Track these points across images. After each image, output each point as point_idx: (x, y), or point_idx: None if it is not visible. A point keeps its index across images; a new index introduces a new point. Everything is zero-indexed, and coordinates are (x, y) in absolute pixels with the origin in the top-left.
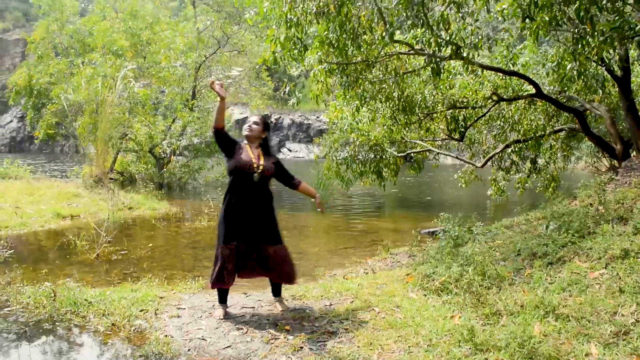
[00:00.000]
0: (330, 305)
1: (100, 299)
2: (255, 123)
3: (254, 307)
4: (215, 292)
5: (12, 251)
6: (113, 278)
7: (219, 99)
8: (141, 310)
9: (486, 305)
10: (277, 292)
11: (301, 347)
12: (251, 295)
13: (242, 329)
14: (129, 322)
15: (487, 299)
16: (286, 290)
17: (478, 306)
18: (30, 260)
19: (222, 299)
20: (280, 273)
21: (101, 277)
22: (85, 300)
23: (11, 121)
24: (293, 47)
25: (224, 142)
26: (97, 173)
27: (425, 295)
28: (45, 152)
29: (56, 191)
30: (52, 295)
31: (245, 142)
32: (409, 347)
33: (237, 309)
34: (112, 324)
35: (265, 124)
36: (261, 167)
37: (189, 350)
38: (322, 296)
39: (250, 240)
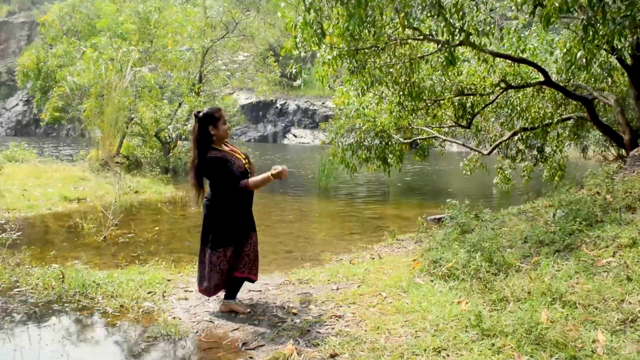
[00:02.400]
0: (337, 289)
1: (108, 281)
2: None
3: (261, 291)
4: None
5: (20, 233)
6: (120, 260)
7: (271, 176)
8: (149, 293)
9: (493, 292)
10: (234, 294)
11: (308, 330)
12: (258, 278)
13: (249, 312)
14: (137, 304)
15: (494, 285)
16: (293, 273)
17: (485, 292)
18: (38, 242)
19: (230, 295)
20: (252, 263)
21: (108, 260)
22: (93, 282)
23: (17, 104)
24: (313, 33)
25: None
26: (103, 157)
27: (432, 280)
28: (51, 136)
29: (63, 174)
30: (61, 276)
31: (215, 146)
32: (416, 331)
33: (244, 292)
34: (121, 306)
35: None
36: (249, 162)
37: (196, 332)
38: (328, 280)
39: (238, 239)
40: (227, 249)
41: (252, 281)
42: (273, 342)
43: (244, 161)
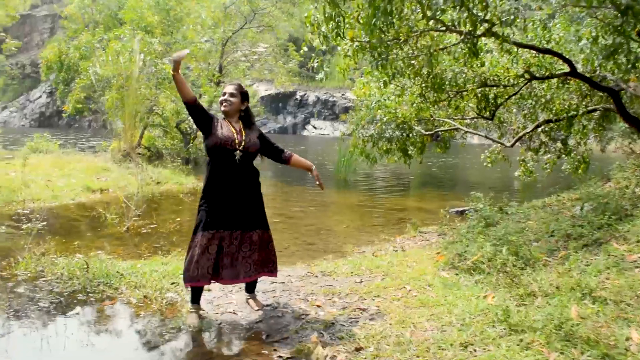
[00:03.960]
0: (361, 282)
1: (132, 272)
2: (231, 95)
3: (283, 282)
4: None
5: (44, 223)
6: (143, 251)
7: (172, 72)
8: (172, 283)
9: (520, 286)
10: (251, 288)
11: (332, 323)
12: (281, 270)
13: (272, 304)
14: (161, 295)
15: (521, 280)
16: (316, 265)
17: (512, 286)
18: (62, 232)
19: (195, 298)
20: (265, 262)
21: (131, 250)
22: (117, 272)
23: (40, 96)
24: (333, 27)
25: (199, 116)
26: (125, 148)
27: (456, 274)
28: (74, 127)
29: (85, 165)
30: (85, 266)
31: (223, 116)
32: (442, 325)
33: (267, 284)
34: (144, 296)
35: (243, 93)
36: (243, 143)
37: (220, 323)
38: (352, 273)
39: (234, 227)
40: (202, 234)
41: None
42: (297, 335)
43: (234, 136)
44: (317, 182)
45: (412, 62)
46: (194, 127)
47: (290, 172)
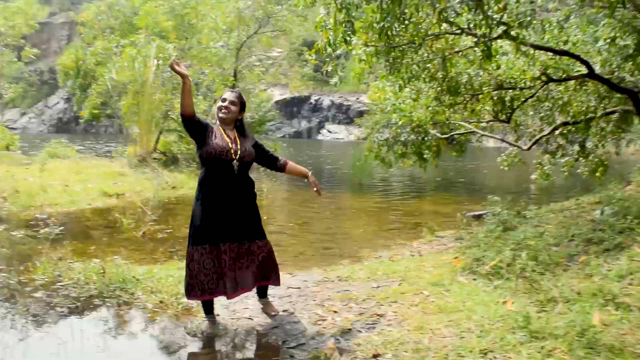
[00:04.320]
0: (378, 287)
1: (148, 277)
2: (232, 103)
3: (300, 288)
4: None
5: (62, 228)
6: (159, 256)
7: (181, 80)
8: None
9: (540, 292)
10: (263, 293)
11: (349, 329)
12: (297, 275)
13: (288, 309)
14: (177, 300)
15: (541, 285)
16: (332, 270)
17: (532, 292)
18: (79, 237)
19: (207, 309)
20: (268, 272)
21: (147, 255)
22: (133, 277)
23: (58, 102)
24: (344, 33)
25: (195, 128)
26: (140, 153)
27: (475, 279)
28: (91, 133)
29: (102, 170)
30: (102, 271)
31: (218, 123)
32: (460, 332)
33: (283, 290)
34: (160, 302)
35: (242, 103)
36: (239, 153)
37: (236, 329)
38: (368, 278)
39: (232, 240)
40: (200, 248)
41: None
42: (313, 341)
43: (229, 146)
44: (315, 189)
45: (427, 65)
46: None
47: None
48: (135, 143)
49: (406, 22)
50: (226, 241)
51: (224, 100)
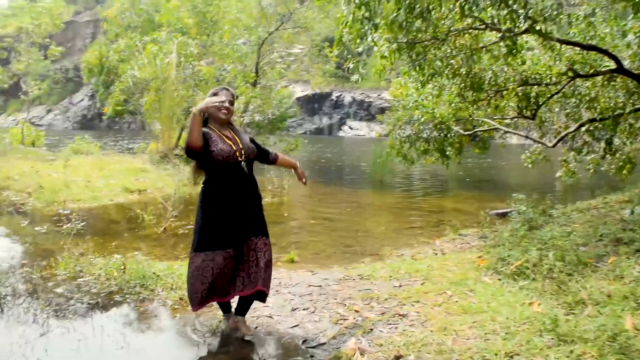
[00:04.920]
0: (400, 286)
1: (168, 273)
2: (231, 103)
3: (320, 286)
4: (281, 269)
5: (84, 223)
6: (180, 252)
7: (195, 114)
8: None
9: (568, 293)
10: (244, 310)
11: (371, 329)
12: (317, 273)
13: (309, 308)
14: None
15: (569, 287)
16: (353, 269)
17: (559, 294)
18: (100, 233)
19: (225, 309)
20: (262, 275)
21: (168, 251)
22: (153, 273)
23: (82, 99)
24: (361, 27)
25: (200, 154)
26: (162, 149)
27: (499, 279)
28: (114, 129)
29: (124, 166)
30: (122, 267)
31: (210, 125)
32: (485, 334)
33: (304, 288)
34: (180, 298)
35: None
36: (243, 152)
37: (256, 327)
38: (390, 277)
39: (245, 239)
40: (212, 254)
41: (263, 296)
42: (334, 340)
43: (233, 148)
44: (303, 180)
45: (451, 61)
46: None
47: (326, 172)
48: (157, 139)
49: (427, 16)
50: (241, 242)
51: (221, 101)
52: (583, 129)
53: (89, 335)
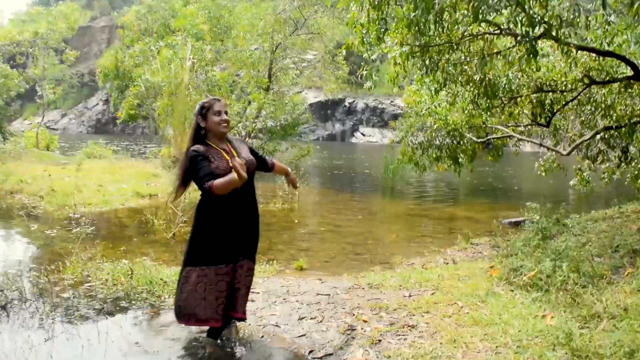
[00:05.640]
0: (410, 296)
1: (175, 279)
2: (227, 113)
3: (329, 295)
4: (289, 276)
5: (93, 228)
6: None
7: (236, 176)
8: None
9: (583, 306)
10: (217, 333)
11: (379, 340)
12: (326, 281)
13: (317, 317)
14: None
15: (584, 299)
16: (363, 277)
17: (573, 306)
18: (110, 237)
19: (214, 335)
20: (241, 302)
21: (176, 257)
22: (160, 279)
23: (97, 104)
24: (374, 29)
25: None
26: (174, 154)
27: (512, 290)
28: (128, 134)
29: (136, 171)
30: (130, 273)
31: (208, 142)
32: (496, 347)
33: (312, 296)
34: None
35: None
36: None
37: (262, 336)
38: (400, 286)
39: (242, 256)
40: (210, 269)
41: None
42: (341, 351)
43: (229, 164)
44: (296, 186)
45: (465, 67)
46: (243, 133)
47: (338, 179)
48: (169, 144)
49: (438, 20)
50: (239, 258)
51: (218, 112)
52: (598, 137)
53: (93, 341)
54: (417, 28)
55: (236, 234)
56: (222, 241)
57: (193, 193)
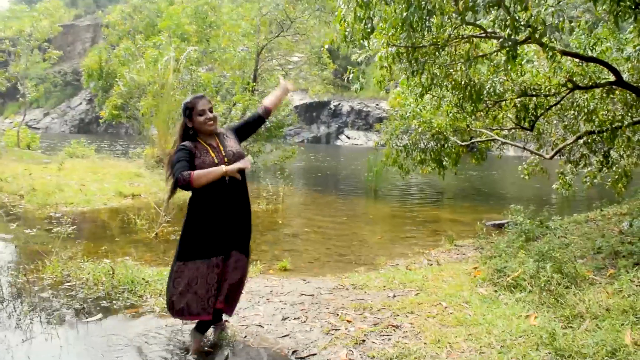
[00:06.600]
0: (394, 296)
1: (157, 279)
2: (211, 110)
3: (313, 295)
4: (273, 277)
5: (74, 227)
6: (170, 258)
7: (220, 171)
8: None
9: (566, 306)
10: (206, 327)
11: (363, 340)
12: (310, 281)
13: (300, 317)
14: None
15: (567, 300)
16: (347, 278)
17: (556, 306)
18: (91, 236)
19: (202, 329)
20: (231, 297)
21: (159, 257)
22: (142, 279)
23: (80, 103)
24: (362, 27)
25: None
26: (158, 154)
27: (495, 291)
28: (111, 134)
29: (119, 170)
30: (111, 272)
31: (197, 138)
32: (480, 347)
33: (296, 296)
34: None
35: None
36: (226, 160)
37: (245, 336)
38: (384, 287)
39: (224, 251)
40: (202, 262)
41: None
42: (325, 351)
43: (215, 160)
44: (290, 88)
45: (450, 70)
46: None
47: (322, 181)
48: (153, 144)
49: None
50: (229, 251)
51: (203, 111)
52: (581, 141)
53: (71, 342)
54: (410, 26)
55: (228, 227)
56: (214, 235)
57: (177, 194)
